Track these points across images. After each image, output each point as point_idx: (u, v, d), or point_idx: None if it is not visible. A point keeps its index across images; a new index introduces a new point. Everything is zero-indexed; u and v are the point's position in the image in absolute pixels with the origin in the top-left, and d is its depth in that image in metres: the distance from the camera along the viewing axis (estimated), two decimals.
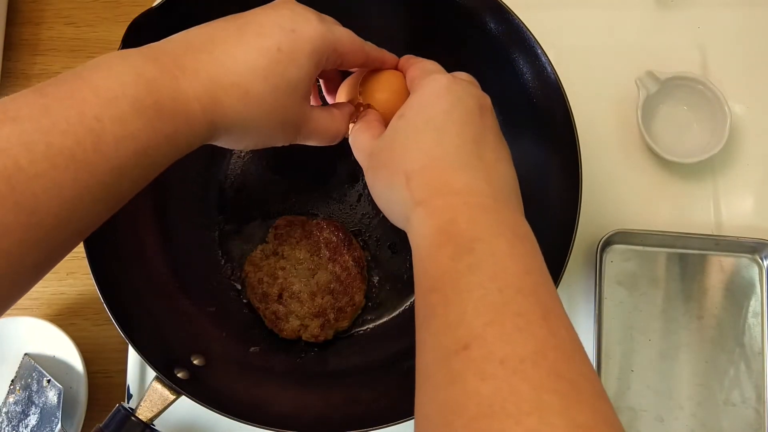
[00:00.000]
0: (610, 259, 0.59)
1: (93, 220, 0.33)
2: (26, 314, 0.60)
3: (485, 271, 0.31)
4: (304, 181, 0.60)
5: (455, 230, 0.33)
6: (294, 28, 0.37)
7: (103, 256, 0.48)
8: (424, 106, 0.38)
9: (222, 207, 0.59)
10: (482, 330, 0.29)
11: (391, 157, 0.38)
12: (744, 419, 0.56)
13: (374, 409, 0.49)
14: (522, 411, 0.26)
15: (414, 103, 0.38)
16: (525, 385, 0.27)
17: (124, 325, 0.46)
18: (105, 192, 0.32)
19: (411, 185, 0.36)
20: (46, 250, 0.32)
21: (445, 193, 0.35)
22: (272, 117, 0.38)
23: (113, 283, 0.48)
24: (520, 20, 0.49)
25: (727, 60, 0.64)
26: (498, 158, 0.37)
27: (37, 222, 0.30)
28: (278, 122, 0.39)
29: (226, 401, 0.47)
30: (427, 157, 0.36)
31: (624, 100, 0.62)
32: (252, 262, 0.56)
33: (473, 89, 0.39)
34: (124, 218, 0.51)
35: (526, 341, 0.28)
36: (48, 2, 0.69)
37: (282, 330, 0.55)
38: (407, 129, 0.38)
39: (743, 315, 0.58)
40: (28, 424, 0.56)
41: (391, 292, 0.58)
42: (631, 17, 0.65)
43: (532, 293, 0.30)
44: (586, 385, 0.28)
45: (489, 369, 0.28)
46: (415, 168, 0.36)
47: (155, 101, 0.33)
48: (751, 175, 0.61)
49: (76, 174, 0.30)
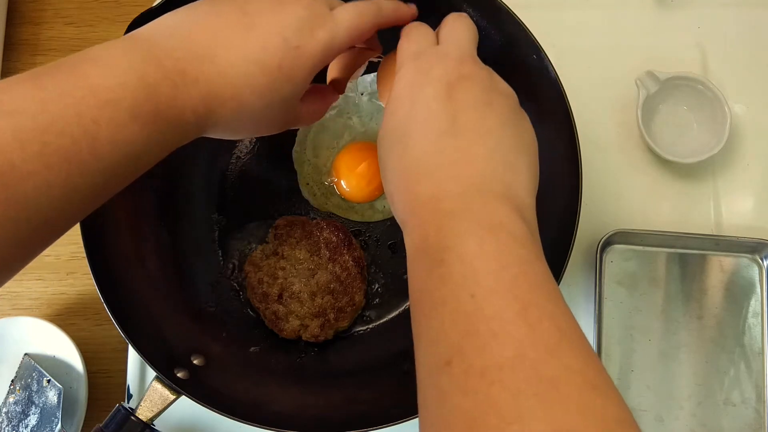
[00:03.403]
0: (610, 259, 0.59)
1: (77, 217, 0.33)
2: (26, 314, 0.60)
3: (455, 280, 0.30)
4: None
5: (427, 245, 0.32)
6: (299, 45, 0.36)
7: (103, 256, 0.48)
8: (390, 114, 0.36)
9: (222, 207, 0.59)
10: (460, 343, 0.28)
11: (383, 168, 0.37)
12: (744, 419, 0.56)
13: (374, 409, 0.49)
14: (504, 421, 0.25)
15: (387, 110, 0.37)
16: (504, 394, 0.26)
17: (124, 325, 0.46)
18: (93, 191, 0.32)
19: (396, 205, 0.35)
20: (28, 248, 0.31)
21: (415, 208, 0.34)
22: (261, 124, 0.38)
23: (113, 283, 0.48)
24: (520, 20, 0.49)
25: (727, 60, 0.64)
26: (474, 138, 0.34)
27: (25, 219, 0.29)
28: (265, 127, 0.39)
29: (226, 401, 0.47)
30: (398, 173, 0.35)
31: (624, 100, 0.62)
32: (252, 262, 0.56)
33: (437, 69, 0.36)
34: (125, 218, 0.52)
35: (503, 346, 0.27)
36: (48, 2, 0.69)
37: (282, 330, 0.55)
38: (383, 142, 0.37)
39: (743, 315, 0.58)
40: (28, 424, 0.56)
41: (391, 292, 0.58)
42: (631, 17, 0.65)
43: (508, 290, 0.29)
44: (573, 379, 0.26)
45: (470, 383, 0.27)
46: (395, 185, 0.35)
47: (153, 108, 0.32)
48: (751, 175, 0.61)
49: (69, 175, 0.30)
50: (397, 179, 0.35)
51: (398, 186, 0.35)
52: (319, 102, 0.44)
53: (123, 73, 0.32)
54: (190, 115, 0.34)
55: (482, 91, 0.35)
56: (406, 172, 0.34)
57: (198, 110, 0.34)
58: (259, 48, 0.35)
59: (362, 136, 0.60)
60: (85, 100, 0.30)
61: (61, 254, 0.63)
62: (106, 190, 0.33)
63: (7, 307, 0.62)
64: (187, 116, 0.34)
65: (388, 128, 0.36)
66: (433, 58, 0.37)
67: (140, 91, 0.32)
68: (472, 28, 0.39)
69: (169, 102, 0.33)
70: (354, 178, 0.57)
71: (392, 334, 0.56)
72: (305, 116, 0.42)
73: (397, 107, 0.36)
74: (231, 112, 0.35)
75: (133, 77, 0.32)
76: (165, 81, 0.33)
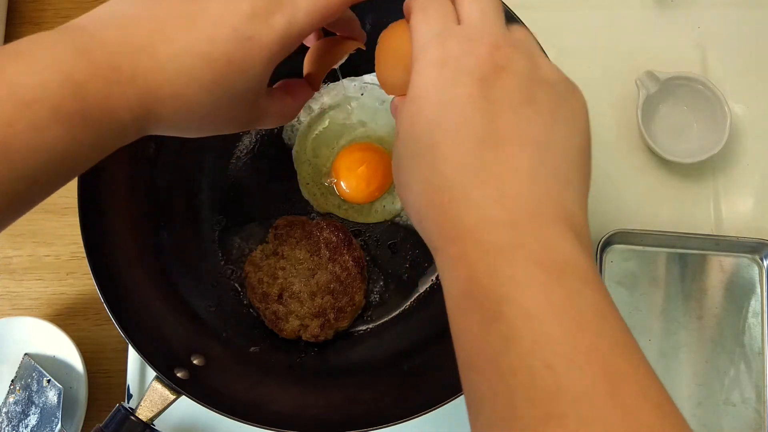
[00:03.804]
0: (610, 259, 0.59)
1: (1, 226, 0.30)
2: (26, 314, 0.60)
3: (524, 344, 0.25)
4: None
5: (478, 291, 0.27)
6: (251, 35, 0.31)
7: (103, 256, 0.48)
8: (411, 118, 0.31)
9: (222, 207, 0.59)
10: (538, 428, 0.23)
11: (403, 180, 0.32)
12: (744, 419, 0.56)
13: (374, 409, 0.49)
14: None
15: (406, 113, 0.31)
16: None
17: (124, 325, 0.46)
18: (12, 201, 0.28)
19: (424, 225, 0.30)
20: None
21: (456, 236, 0.28)
22: (216, 122, 0.34)
23: (113, 283, 0.48)
24: (520, 20, 0.49)
25: (727, 60, 0.64)
26: (517, 149, 0.29)
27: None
28: (222, 125, 0.35)
29: (226, 401, 0.47)
30: (427, 190, 0.30)
31: (624, 100, 0.62)
32: (252, 262, 0.56)
33: (467, 60, 0.30)
34: (124, 219, 0.52)
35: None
36: (48, 2, 0.69)
37: (282, 330, 0.55)
38: (403, 151, 0.31)
39: (743, 315, 0.58)
40: (28, 424, 0.56)
41: (391, 292, 0.58)
42: (631, 17, 0.65)
43: (591, 359, 0.24)
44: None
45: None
46: (421, 203, 0.30)
47: (80, 108, 0.28)
48: (751, 175, 0.61)
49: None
50: (427, 197, 0.30)
51: (427, 205, 0.30)
52: (289, 99, 0.38)
53: (46, 69, 0.28)
54: (125, 115, 0.30)
55: (522, 84, 0.30)
56: (438, 191, 0.29)
57: (134, 109, 0.30)
58: (205, 40, 0.31)
59: (362, 137, 0.60)
60: (1, 100, 0.27)
61: (61, 254, 0.63)
62: (31, 198, 0.30)
63: (7, 307, 0.62)
64: (122, 116, 0.30)
65: (410, 136, 0.31)
66: (459, 44, 0.31)
67: (66, 90, 0.28)
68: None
69: (100, 101, 0.29)
70: (354, 179, 0.57)
71: (392, 334, 0.56)
72: (274, 114, 0.37)
73: (420, 110, 0.30)
74: (173, 111, 0.31)
75: (57, 74, 0.28)
76: (95, 78, 0.29)
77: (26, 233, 0.63)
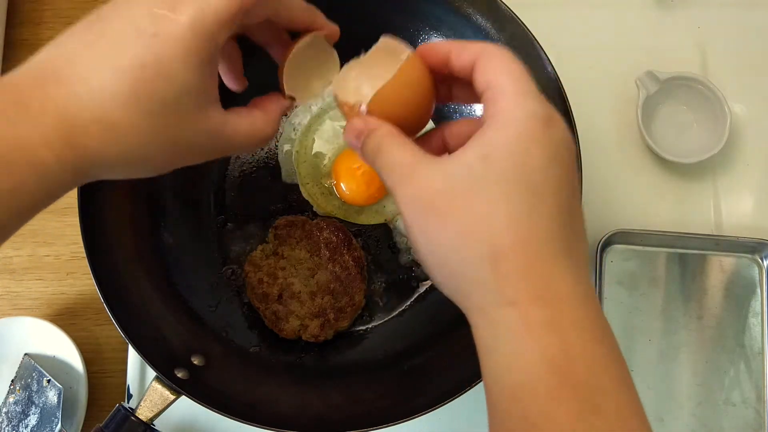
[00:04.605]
0: (610, 259, 0.59)
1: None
2: (26, 314, 0.60)
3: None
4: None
5: (573, 374, 0.26)
6: (156, 32, 0.28)
7: (103, 256, 0.48)
8: (516, 153, 0.28)
9: (222, 207, 0.59)
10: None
11: (466, 211, 0.28)
12: (744, 419, 0.56)
13: (374, 409, 0.49)
14: None
15: (501, 142, 0.28)
16: None
17: (124, 325, 0.46)
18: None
19: (499, 269, 0.27)
20: None
21: (547, 298, 0.27)
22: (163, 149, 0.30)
23: (113, 283, 0.48)
24: (520, 20, 0.49)
25: (727, 60, 0.64)
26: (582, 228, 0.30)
27: None
28: (174, 151, 0.31)
29: (226, 401, 0.47)
30: (519, 231, 0.27)
31: (624, 100, 0.62)
32: (252, 262, 0.56)
33: (567, 131, 0.30)
34: (124, 219, 0.52)
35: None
36: (48, 2, 0.69)
37: (282, 330, 0.55)
38: (491, 178, 0.28)
39: (743, 315, 0.58)
40: (28, 424, 0.56)
41: (391, 292, 0.58)
42: (631, 17, 0.65)
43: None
44: None
45: None
46: (505, 244, 0.27)
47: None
48: (751, 175, 0.61)
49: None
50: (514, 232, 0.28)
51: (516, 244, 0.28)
52: (258, 113, 0.34)
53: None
54: (47, 155, 0.27)
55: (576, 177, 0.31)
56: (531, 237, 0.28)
57: (55, 147, 0.27)
58: (111, 49, 0.28)
59: None
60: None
61: (61, 254, 0.63)
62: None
63: (7, 307, 0.62)
64: (44, 156, 0.27)
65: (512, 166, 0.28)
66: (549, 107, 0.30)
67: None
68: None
69: (9, 142, 0.26)
70: (353, 181, 0.57)
71: (392, 334, 0.56)
72: (243, 134, 0.33)
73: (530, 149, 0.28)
74: (104, 142, 0.28)
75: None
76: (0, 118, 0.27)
77: (26, 233, 0.63)
